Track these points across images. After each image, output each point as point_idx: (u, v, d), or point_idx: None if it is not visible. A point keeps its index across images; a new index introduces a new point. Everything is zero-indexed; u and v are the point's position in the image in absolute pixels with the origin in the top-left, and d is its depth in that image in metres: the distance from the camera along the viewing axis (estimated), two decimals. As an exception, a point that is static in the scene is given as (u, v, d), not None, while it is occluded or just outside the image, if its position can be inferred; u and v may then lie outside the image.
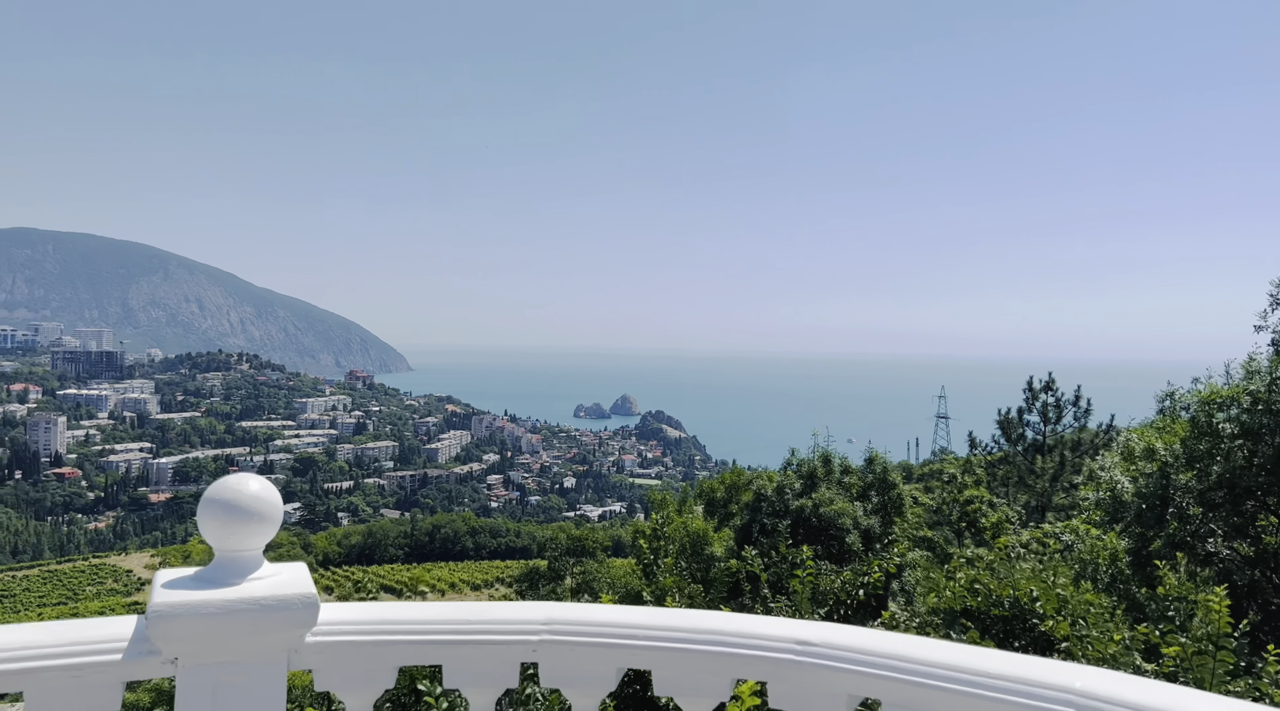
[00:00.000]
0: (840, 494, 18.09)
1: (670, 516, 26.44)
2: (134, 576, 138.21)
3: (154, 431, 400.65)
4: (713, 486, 28.33)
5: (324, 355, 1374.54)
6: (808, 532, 16.99)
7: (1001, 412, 26.60)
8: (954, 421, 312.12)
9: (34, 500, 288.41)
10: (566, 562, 27.60)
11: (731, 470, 28.11)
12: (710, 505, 27.22)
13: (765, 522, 18.15)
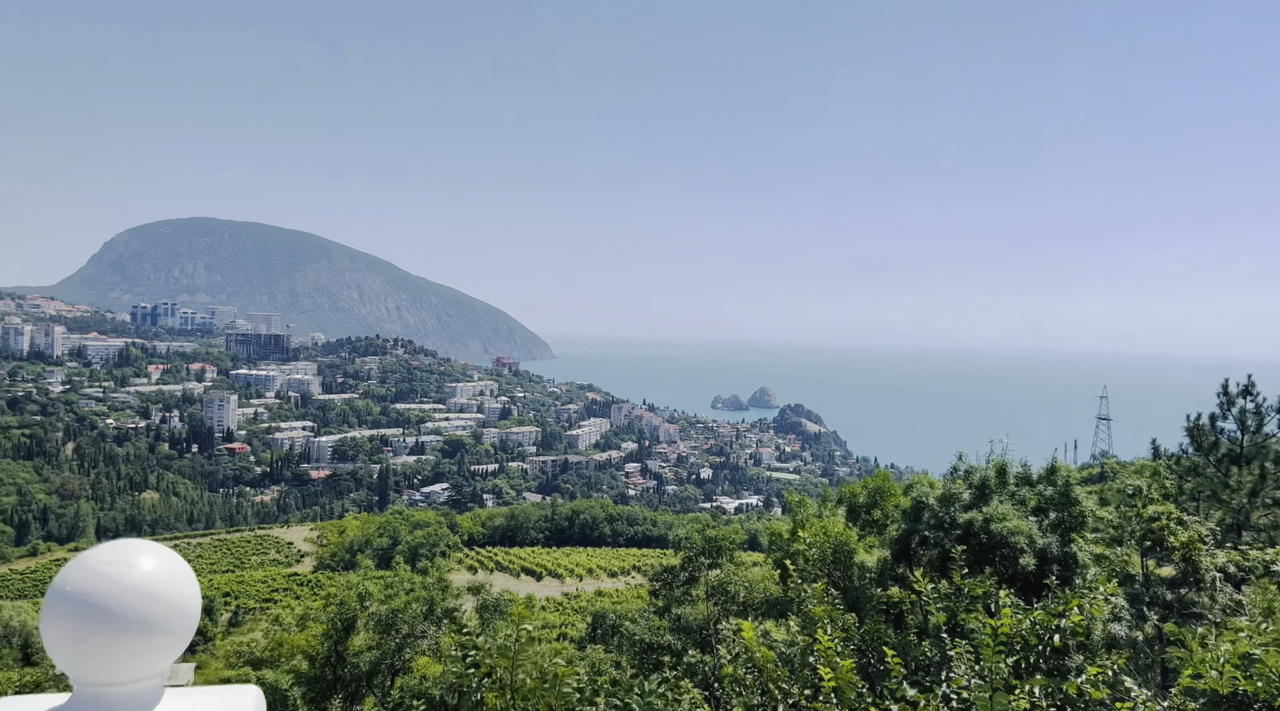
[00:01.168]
0: (1016, 509, 16.59)
1: (809, 519, 25.34)
2: (294, 548, 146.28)
3: (316, 411, 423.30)
4: (854, 490, 26.95)
5: (473, 342, 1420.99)
6: (975, 551, 15.60)
7: (1191, 418, 24.16)
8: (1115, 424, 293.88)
9: (208, 473, 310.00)
10: (702, 563, 26.79)
11: (877, 473, 26.63)
12: (852, 510, 25.88)
13: (927, 535, 16.85)
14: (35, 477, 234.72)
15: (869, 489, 26.07)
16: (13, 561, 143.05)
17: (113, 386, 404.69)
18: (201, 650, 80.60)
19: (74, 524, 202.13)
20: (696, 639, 24.88)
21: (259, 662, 27.44)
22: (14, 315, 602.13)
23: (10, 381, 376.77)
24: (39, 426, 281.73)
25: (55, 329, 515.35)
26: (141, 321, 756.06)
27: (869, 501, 25.57)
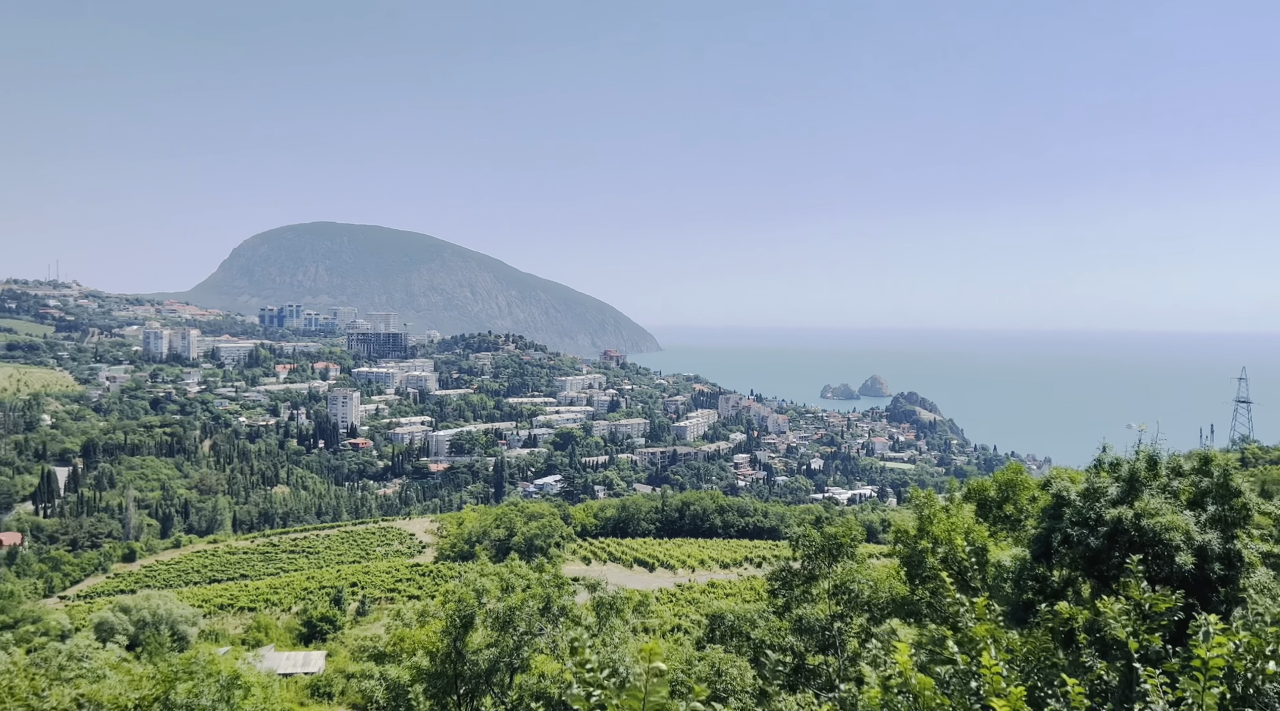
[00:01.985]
0: (1169, 502, 15.26)
1: (936, 514, 24.19)
2: (416, 539, 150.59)
3: (433, 406, 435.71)
4: (984, 484, 25.57)
5: (581, 336, 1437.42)
6: (1125, 548, 14.38)
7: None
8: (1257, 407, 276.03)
9: (334, 467, 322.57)
10: (822, 562, 25.87)
11: (1008, 466, 25.21)
12: (982, 505, 24.57)
13: (1070, 533, 15.69)
14: (176, 473, 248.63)
15: (1000, 483, 24.70)
16: (159, 552, 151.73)
17: (244, 386, 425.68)
18: (332, 638, 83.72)
19: (213, 517, 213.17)
20: (818, 640, 24.11)
21: (382, 657, 28.00)
22: (154, 320, 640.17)
23: (152, 383, 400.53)
24: (179, 425, 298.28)
25: (191, 332, 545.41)
26: (269, 323, 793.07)
27: (1000, 496, 24.21)
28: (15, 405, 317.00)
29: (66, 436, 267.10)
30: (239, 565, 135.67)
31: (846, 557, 25.76)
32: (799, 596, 26.21)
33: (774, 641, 24.33)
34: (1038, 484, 22.96)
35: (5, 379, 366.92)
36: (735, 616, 26.64)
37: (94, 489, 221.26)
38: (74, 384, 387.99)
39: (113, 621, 72.50)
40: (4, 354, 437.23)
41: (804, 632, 24.57)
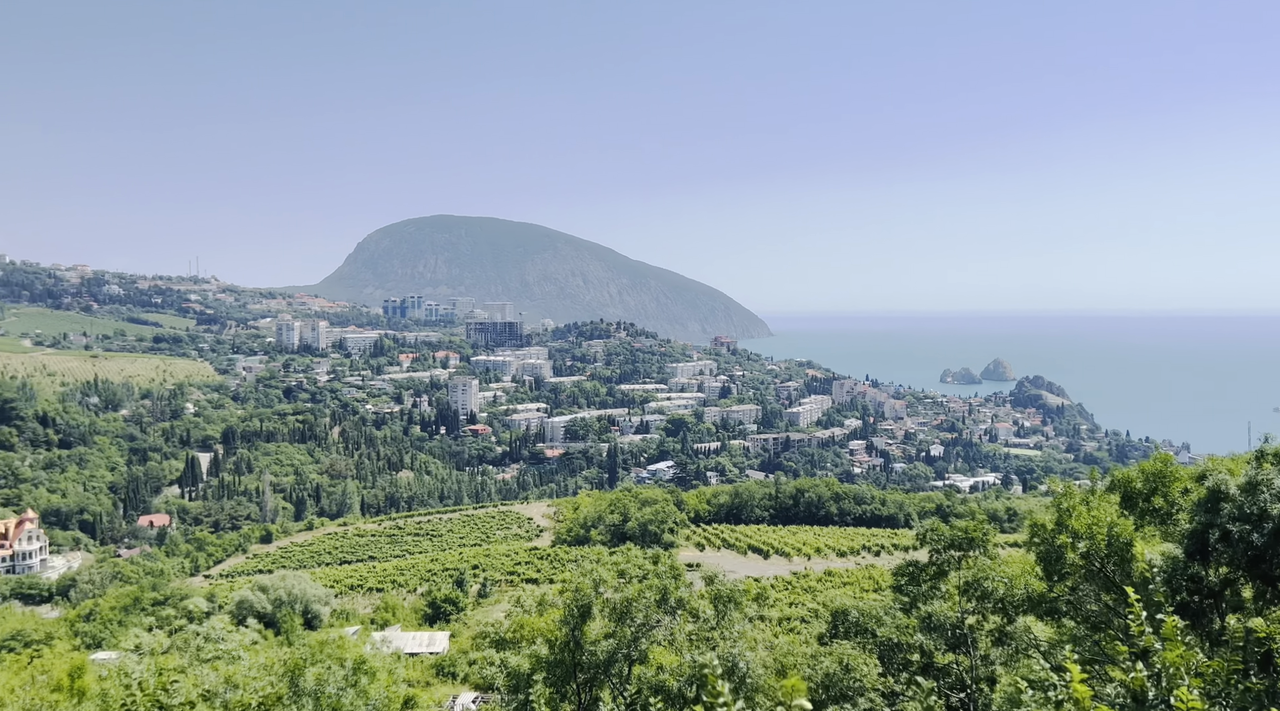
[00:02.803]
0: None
1: (1075, 508, 22.77)
2: (533, 523, 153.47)
3: (548, 393, 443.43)
4: (1129, 475, 23.89)
5: (691, 322, 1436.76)
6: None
7: None
8: None
9: (455, 453, 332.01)
10: (951, 556, 24.72)
11: (1155, 455, 23.48)
12: (1126, 498, 22.99)
13: (1229, 529, 14.39)
14: (308, 459, 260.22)
15: (1146, 473, 23.01)
16: (293, 534, 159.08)
17: (370, 375, 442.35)
18: (455, 619, 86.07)
19: (342, 501, 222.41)
20: (948, 638, 23.08)
21: (503, 644, 28.37)
22: (285, 312, 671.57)
23: (285, 372, 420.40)
24: (310, 413, 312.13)
25: (320, 324, 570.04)
26: (392, 314, 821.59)
27: (1148, 487, 22.57)
28: (162, 394, 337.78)
29: (208, 424, 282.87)
30: (367, 547, 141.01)
31: (978, 552, 24.55)
32: (926, 592, 25.15)
33: (901, 639, 23.41)
34: (1190, 475, 21.30)
35: (153, 370, 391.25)
36: (860, 612, 25.77)
37: (234, 474, 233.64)
38: (214, 374, 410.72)
39: (252, 600, 76.29)
40: (151, 346, 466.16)
41: (933, 630, 23.56)
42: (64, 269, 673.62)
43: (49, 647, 42.06)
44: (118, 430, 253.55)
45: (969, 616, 23.90)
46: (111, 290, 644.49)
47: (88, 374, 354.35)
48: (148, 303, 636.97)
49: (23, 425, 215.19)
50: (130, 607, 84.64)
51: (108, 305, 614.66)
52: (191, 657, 23.17)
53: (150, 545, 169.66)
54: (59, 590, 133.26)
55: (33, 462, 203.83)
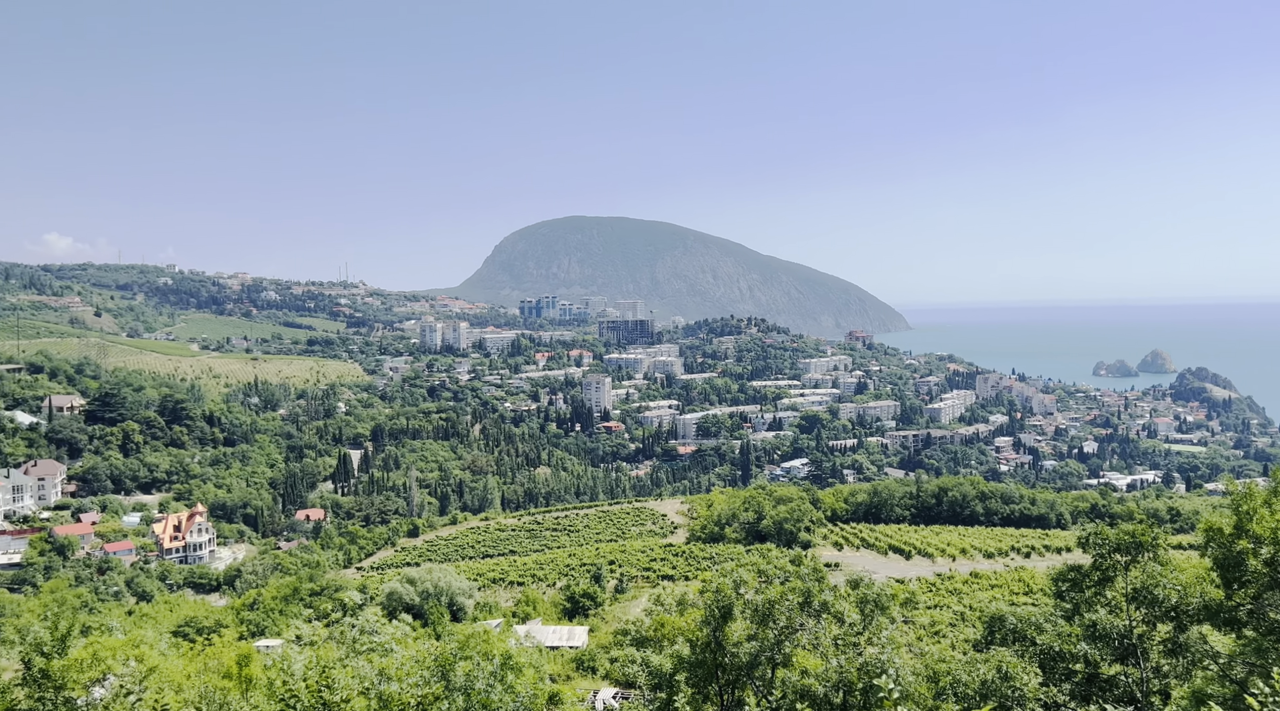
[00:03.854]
0: None
1: (1257, 510, 20.99)
2: (667, 520, 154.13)
3: (679, 390, 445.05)
4: (1318, 474, 21.80)
5: (824, 317, 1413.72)
6: None
7: None
8: None
9: (589, 449, 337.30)
10: (1117, 562, 23.16)
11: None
12: (1319, 499, 20.95)
13: None
14: (451, 455, 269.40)
15: (1343, 474, 20.94)
16: (438, 528, 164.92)
17: (508, 373, 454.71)
18: (593, 614, 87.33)
19: (483, 496, 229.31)
20: (1115, 648, 21.63)
21: (643, 642, 28.45)
22: (429, 315, 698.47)
23: (429, 372, 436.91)
24: (452, 410, 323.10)
25: (460, 325, 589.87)
26: (528, 314, 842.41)
27: (1343, 489, 20.53)
28: (316, 394, 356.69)
29: (358, 422, 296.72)
30: (508, 541, 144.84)
31: (1147, 557, 22.92)
32: (1090, 599, 23.66)
33: (1064, 647, 22.08)
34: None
35: (307, 370, 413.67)
36: (1018, 619, 24.46)
37: (382, 469, 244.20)
38: (363, 374, 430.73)
39: (401, 592, 79.48)
40: (305, 348, 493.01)
41: (1098, 640, 22.13)
42: (226, 277, 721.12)
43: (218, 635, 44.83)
44: (276, 428, 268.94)
45: (1137, 625, 22.33)
46: (269, 296, 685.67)
47: (248, 375, 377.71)
48: (301, 307, 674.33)
49: (192, 424, 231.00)
50: (290, 598, 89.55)
51: (265, 310, 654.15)
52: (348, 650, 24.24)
53: (307, 538, 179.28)
54: (225, 580, 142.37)
55: (201, 459, 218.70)
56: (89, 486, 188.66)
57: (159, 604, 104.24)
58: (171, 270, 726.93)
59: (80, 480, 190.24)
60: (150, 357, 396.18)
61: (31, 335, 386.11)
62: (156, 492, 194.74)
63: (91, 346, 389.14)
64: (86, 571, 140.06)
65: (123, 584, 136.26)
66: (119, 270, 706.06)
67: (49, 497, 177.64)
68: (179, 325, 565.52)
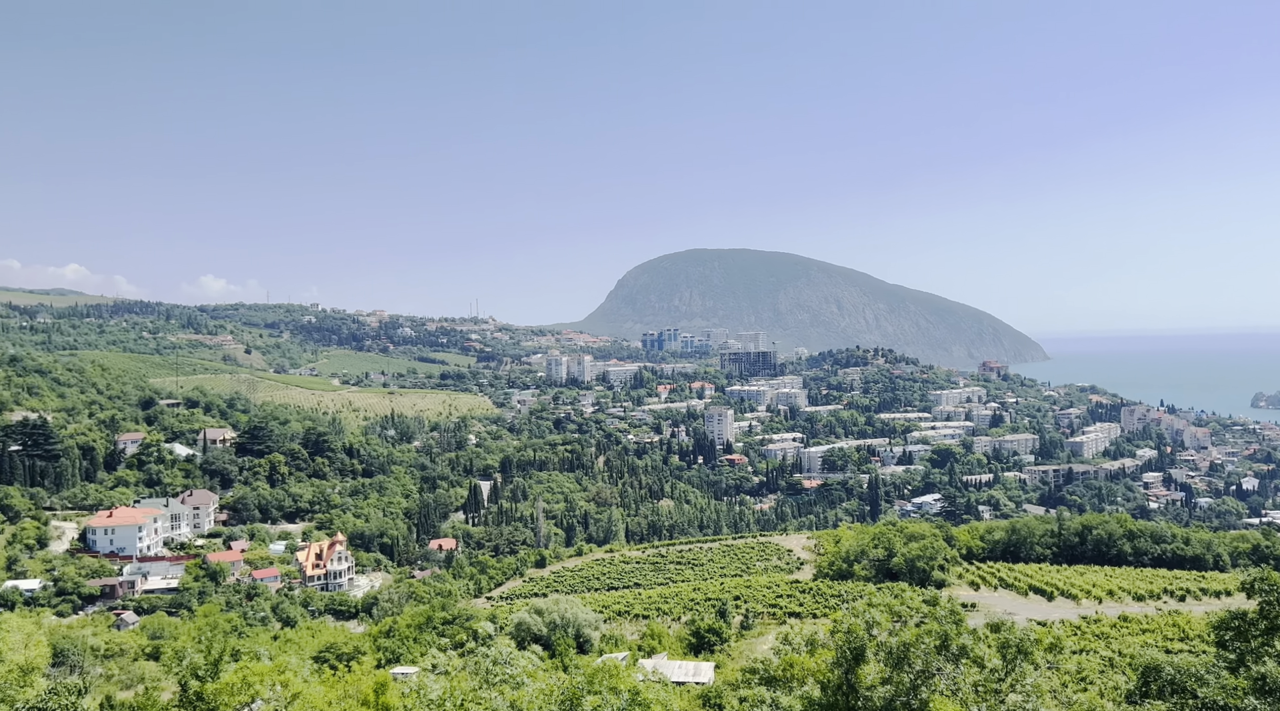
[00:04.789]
0: None
1: None
2: (793, 555, 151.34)
3: (803, 423, 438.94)
4: None
5: (955, 347, 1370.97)
6: None
7: None
8: None
9: (712, 482, 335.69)
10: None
11: None
12: None
13: None
14: (577, 487, 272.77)
15: None
16: (564, 559, 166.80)
17: (631, 406, 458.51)
18: (719, 650, 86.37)
19: (608, 528, 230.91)
20: (1289, 705, 19.91)
21: (772, 682, 27.91)
22: (554, 348, 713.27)
23: (555, 405, 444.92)
24: (577, 442, 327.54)
25: (585, 358, 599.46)
26: (650, 347, 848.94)
27: None
28: (448, 426, 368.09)
29: (487, 454, 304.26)
30: (632, 574, 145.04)
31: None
32: (1257, 649, 21.91)
33: (1229, 702, 20.49)
34: None
35: (440, 404, 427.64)
36: (1176, 669, 22.77)
37: (510, 500, 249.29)
38: (492, 407, 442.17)
39: (529, 622, 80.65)
40: (438, 382, 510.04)
41: (1267, 694, 20.43)
42: (365, 314, 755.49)
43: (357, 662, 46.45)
44: (411, 460, 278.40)
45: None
46: (404, 332, 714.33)
47: (385, 409, 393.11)
48: (435, 342, 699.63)
49: (333, 456, 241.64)
50: (424, 626, 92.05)
51: (401, 346, 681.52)
52: (481, 680, 24.73)
53: (439, 567, 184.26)
54: (363, 607, 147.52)
55: (341, 490, 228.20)
56: (239, 515, 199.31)
57: (301, 629, 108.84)
58: (315, 308, 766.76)
59: (231, 509, 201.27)
60: (295, 392, 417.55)
61: (189, 372, 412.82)
62: (300, 521, 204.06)
63: (242, 382, 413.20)
64: (236, 596, 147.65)
65: (269, 609, 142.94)
66: (267, 309, 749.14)
67: (203, 526, 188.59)
68: (321, 361, 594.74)
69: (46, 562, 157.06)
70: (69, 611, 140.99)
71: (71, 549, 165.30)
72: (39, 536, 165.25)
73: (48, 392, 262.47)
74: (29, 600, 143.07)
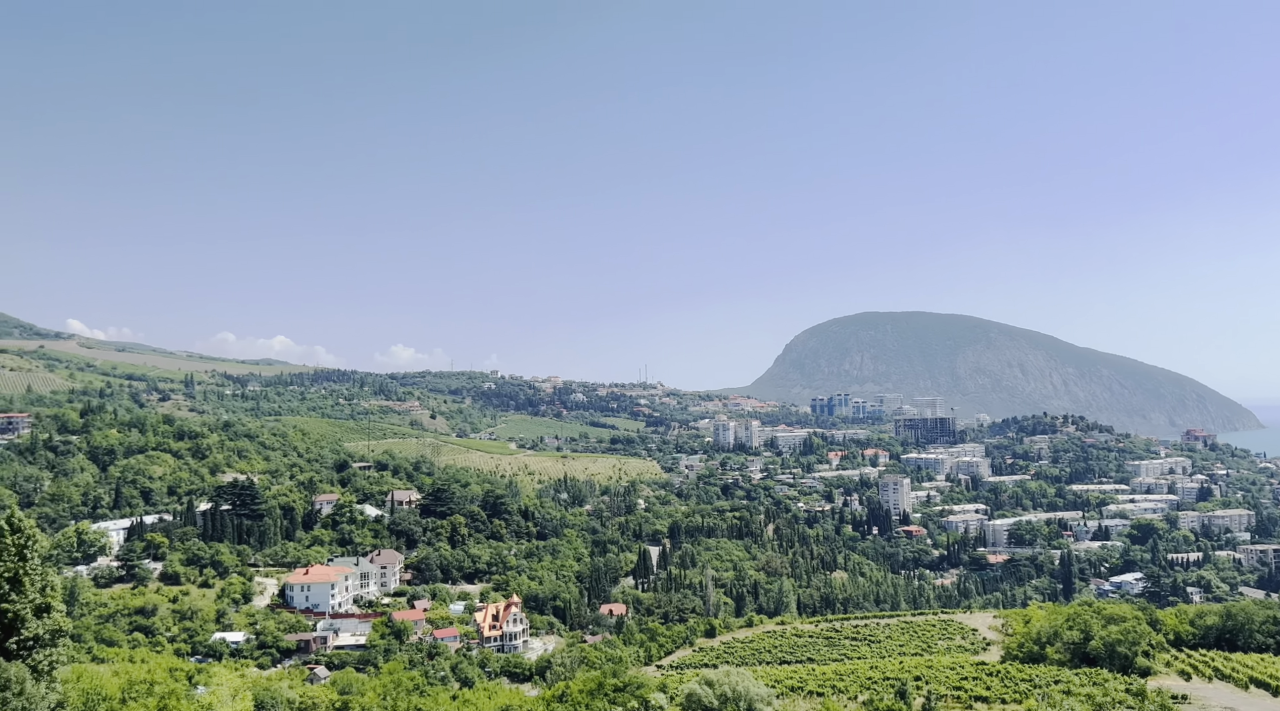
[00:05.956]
0: None
1: None
2: (979, 635, 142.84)
3: (986, 493, 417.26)
4: None
5: (1154, 414, 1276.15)
6: None
7: None
8: None
9: (888, 554, 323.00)
10: None
11: None
12: None
13: None
14: (745, 555, 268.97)
15: None
16: (734, 630, 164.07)
17: (800, 473, 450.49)
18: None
19: (778, 598, 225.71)
20: None
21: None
22: (721, 413, 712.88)
23: (722, 470, 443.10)
24: (745, 510, 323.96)
25: (752, 423, 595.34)
26: (819, 412, 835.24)
27: None
28: (618, 490, 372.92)
29: (656, 519, 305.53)
30: (804, 648, 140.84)
31: None
32: None
33: None
34: None
35: (610, 468, 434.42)
36: None
37: (679, 567, 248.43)
38: (660, 472, 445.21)
39: (700, 694, 79.43)
40: (609, 447, 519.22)
41: None
42: (540, 381, 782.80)
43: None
44: (582, 523, 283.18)
45: None
46: (576, 398, 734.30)
47: (558, 472, 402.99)
48: (605, 408, 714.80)
49: (509, 518, 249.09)
50: (595, 692, 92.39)
51: (574, 410, 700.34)
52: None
53: (610, 632, 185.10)
54: (537, 670, 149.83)
55: (516, 552, 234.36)
56: (422, 574, 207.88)
57: (479, 690, 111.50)
58: (494, 375, 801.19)
59: (415, 569, 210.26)
60: (475, 456, 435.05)
61: (379, 436, 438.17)
62: (478, 582, 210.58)
63: (427, 446, 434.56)
64: (419, 655, 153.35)
65: (448, 669, 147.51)
66: (451, 376, 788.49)
67: (389, 584, 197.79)
68: (500, 425, 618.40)
69: (250, 616, 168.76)
70: (268, 663, 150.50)
71: (272, 604, 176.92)
72: (244, 591, 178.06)
73: (255, 455, 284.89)
74: (234, 651, 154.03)
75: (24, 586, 38.91)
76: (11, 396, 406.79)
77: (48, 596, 39.99)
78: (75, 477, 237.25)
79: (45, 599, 39.78)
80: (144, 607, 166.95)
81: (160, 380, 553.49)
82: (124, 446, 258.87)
